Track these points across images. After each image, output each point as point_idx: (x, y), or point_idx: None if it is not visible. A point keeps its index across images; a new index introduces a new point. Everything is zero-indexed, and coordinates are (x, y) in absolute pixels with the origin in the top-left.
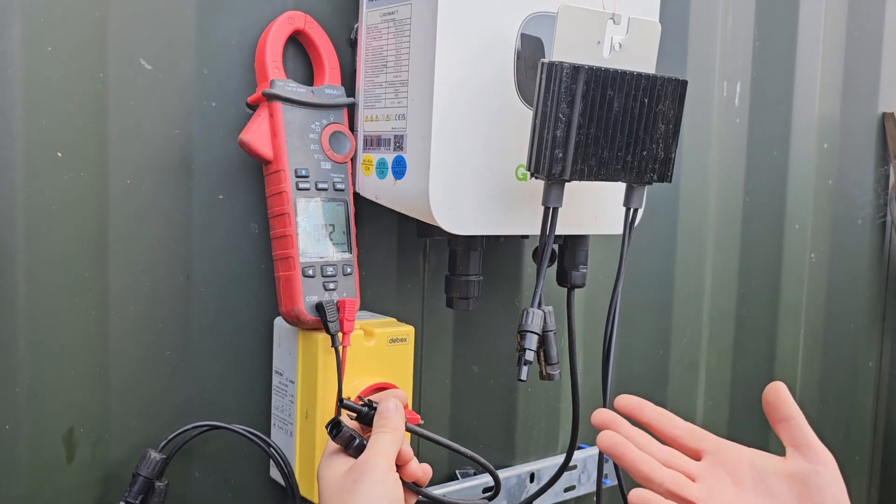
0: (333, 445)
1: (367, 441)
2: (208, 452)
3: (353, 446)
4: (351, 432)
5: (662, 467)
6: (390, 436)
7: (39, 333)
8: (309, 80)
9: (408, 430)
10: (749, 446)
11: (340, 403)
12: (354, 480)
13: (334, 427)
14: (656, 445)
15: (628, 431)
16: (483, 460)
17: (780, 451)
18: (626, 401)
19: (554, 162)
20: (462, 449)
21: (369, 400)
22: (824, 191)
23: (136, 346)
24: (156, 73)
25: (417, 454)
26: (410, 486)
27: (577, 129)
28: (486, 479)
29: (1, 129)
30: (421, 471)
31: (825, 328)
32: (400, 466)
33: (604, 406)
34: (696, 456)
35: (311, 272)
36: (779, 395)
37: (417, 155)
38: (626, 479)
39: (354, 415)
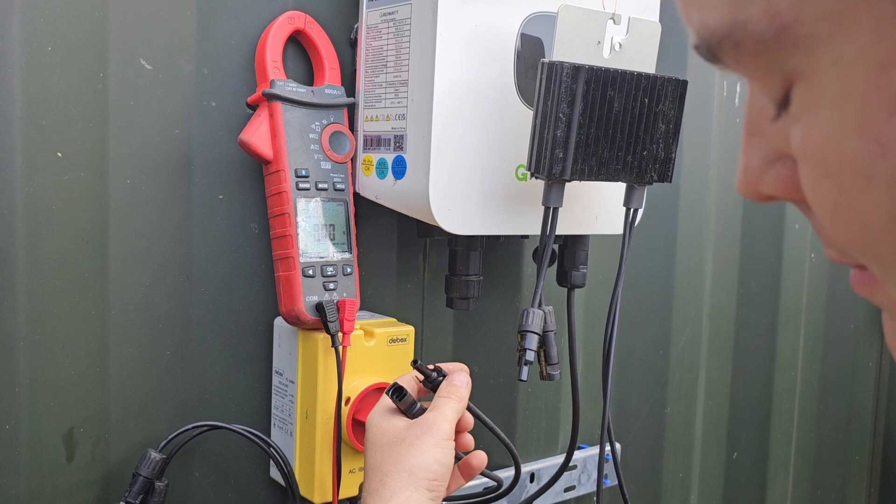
0: (389, 404)
1: (427, 407)
2: (208, 452)
3: (413, 411)
4: (413, 398)
5: None
6: (456, 405)
7: (39, 333)
8: (309, 80)
9: (468, 409)
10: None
11: (413, 364)
12: (417, 436)
13: (397, 391)
14: None
15: None
16: (511, 446)
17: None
18: None
19: (554, 162)
20: (503, 436)
21: (438, 366)
22: None
23: (136, 346)
24: (156, 73)
25: None
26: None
27: (577, 129)
28: (486, 480)
29: (1, 129)
30: (475, 454)
31: (825, 328)
32: (456, 433)
33: (604, 406)
34: None
35: (311, 272)
36: None
37: (417, 155)
38: (627, 479)
39: (422, 377)
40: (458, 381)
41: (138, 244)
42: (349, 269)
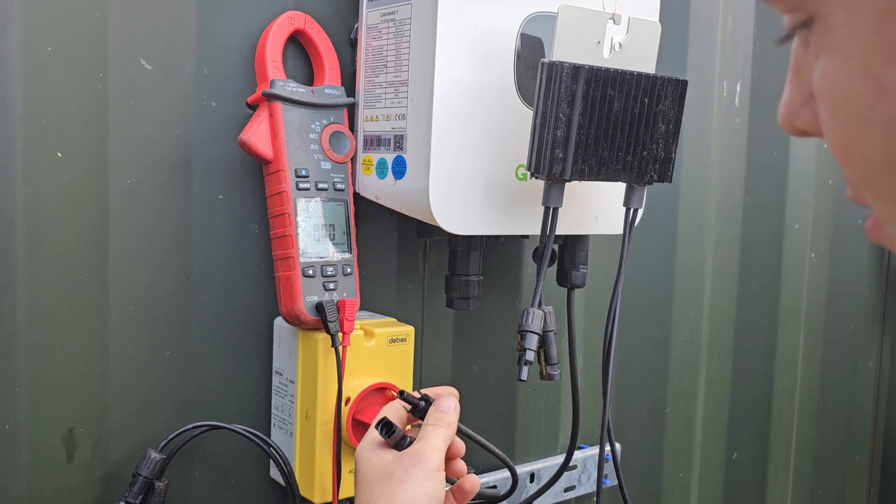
0: (378, 437)
1: (415, 437)
2: (208, 452)
3: (403, 445)
4: (403, 433)
5: None
6: (444, 432)
7: (39, 333)
8: (309, 80)
9: (459, 431)
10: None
11: (400, 395)
12: (405, 469)
13: (386, 427)
14: None
15: None
16: (509, 462)
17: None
18: None
19: (554, 162)
20: (499, 452)
21: (425, 394)
22: (824, 191)
23: (136, 346)
24: (156, 73)
25: None
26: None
27: (577, 129)
28: (485, 479)
29: (1, 129)
30: (468, 478)
31: (825, 328)
32: (448, 460)
33: (604, 406)
34: None
35: (311, 272)
36: None
37: (417, 155)
38: (627, 479)
39: (408, 406)
40: (445, 406)
41: (138, 244)
42: (349, 269)
